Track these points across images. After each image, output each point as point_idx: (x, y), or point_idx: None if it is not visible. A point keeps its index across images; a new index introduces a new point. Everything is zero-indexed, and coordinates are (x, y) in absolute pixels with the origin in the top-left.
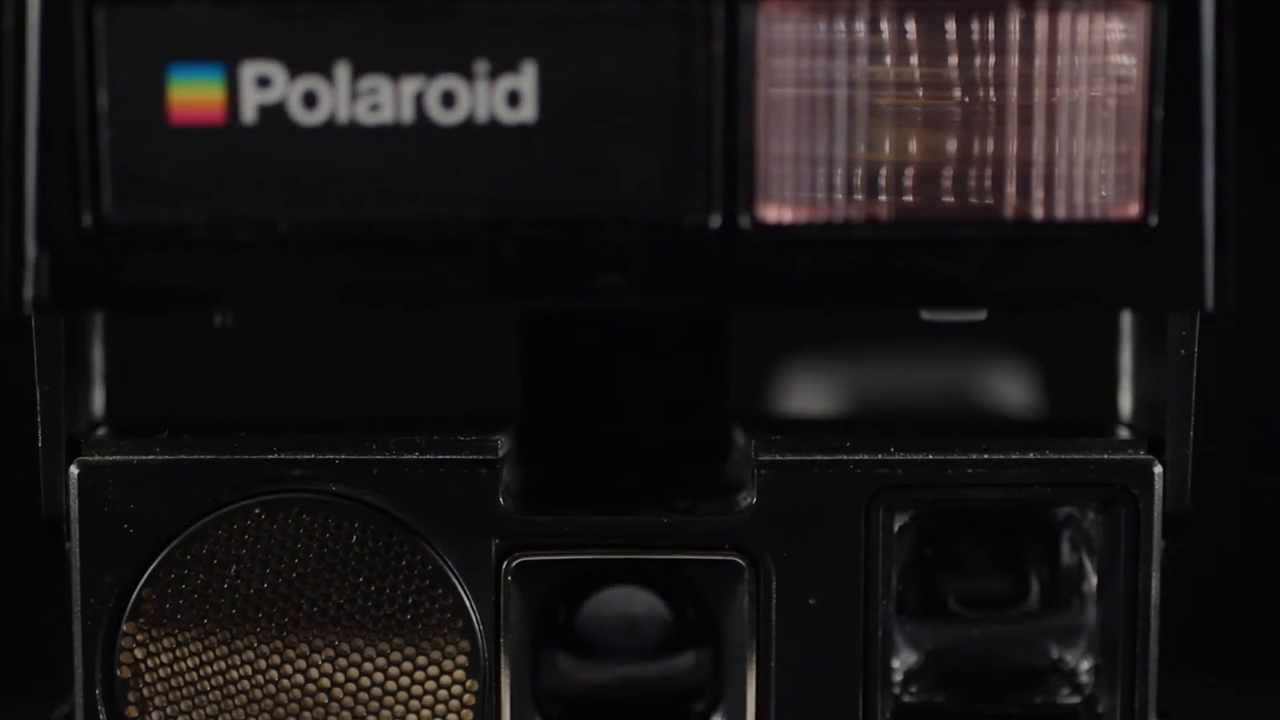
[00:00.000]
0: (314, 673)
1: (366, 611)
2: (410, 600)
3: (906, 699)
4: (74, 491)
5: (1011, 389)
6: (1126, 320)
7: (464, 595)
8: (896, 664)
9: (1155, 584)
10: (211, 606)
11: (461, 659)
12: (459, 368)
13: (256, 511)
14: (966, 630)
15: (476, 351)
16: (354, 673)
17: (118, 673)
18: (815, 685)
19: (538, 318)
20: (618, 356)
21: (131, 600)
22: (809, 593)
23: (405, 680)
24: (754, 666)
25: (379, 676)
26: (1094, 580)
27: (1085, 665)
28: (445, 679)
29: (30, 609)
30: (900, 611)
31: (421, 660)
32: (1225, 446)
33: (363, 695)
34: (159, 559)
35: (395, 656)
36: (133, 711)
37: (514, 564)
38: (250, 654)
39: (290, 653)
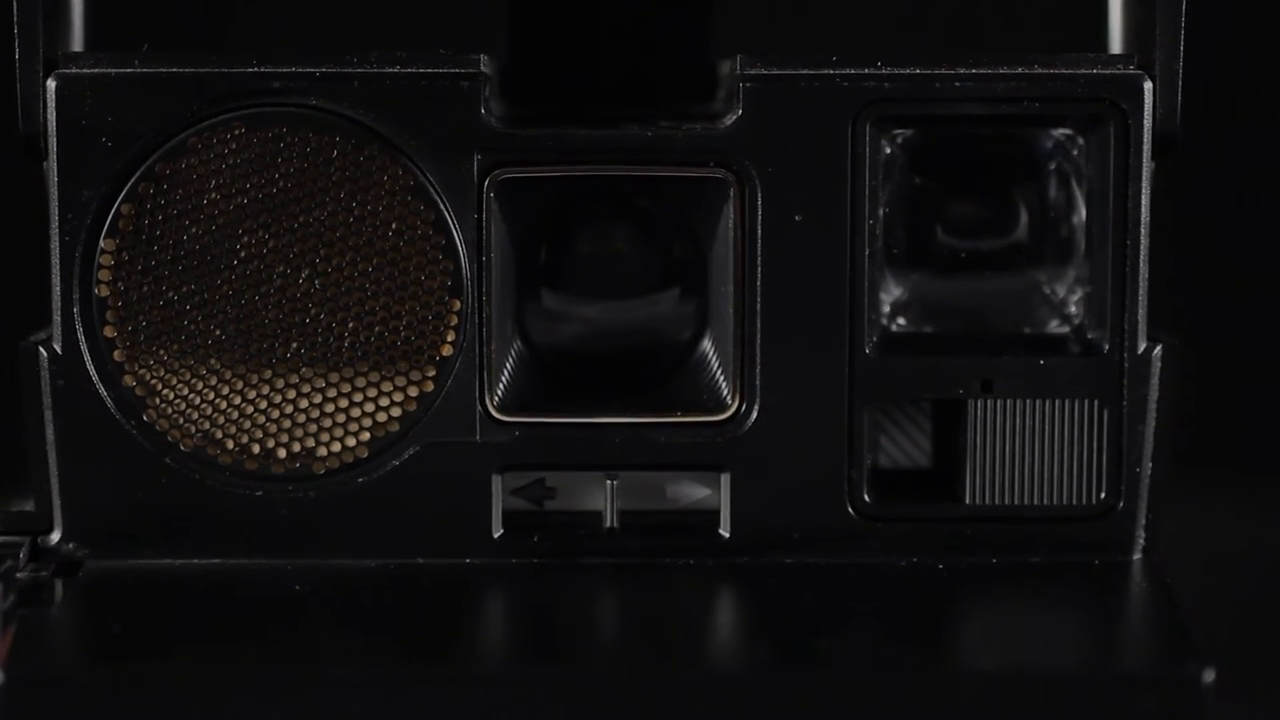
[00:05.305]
0: (294, 291)
1: (348, 228)
2: (392, 218)
3: (894, 329)
4: (51, 105)
5: None
6: None
7: (446, 212)
8: (885, 296)
9: (1145, 204)
10: (191, 223)
11: (444, 278)
12: None
13: (237, 127)
14: (955, 261)
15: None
16: (335, 291)
17: (95, 291)
18: (800, 309)
19: None
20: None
21: (110, 216)
22: (795, 210)
23: (387, 300)
24: (739, 290)
25: (360, 296)
26: (1083, 212)
27: (1075, 297)
28: (428, 298)
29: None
30: (889, 241)
31: (404, 279)
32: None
33: (341, 315)
34: (138, 174)
35: (378, 275)
36: (110, 331)
37: (497, 180)
38: (229, 273)
39: (270, 272)
